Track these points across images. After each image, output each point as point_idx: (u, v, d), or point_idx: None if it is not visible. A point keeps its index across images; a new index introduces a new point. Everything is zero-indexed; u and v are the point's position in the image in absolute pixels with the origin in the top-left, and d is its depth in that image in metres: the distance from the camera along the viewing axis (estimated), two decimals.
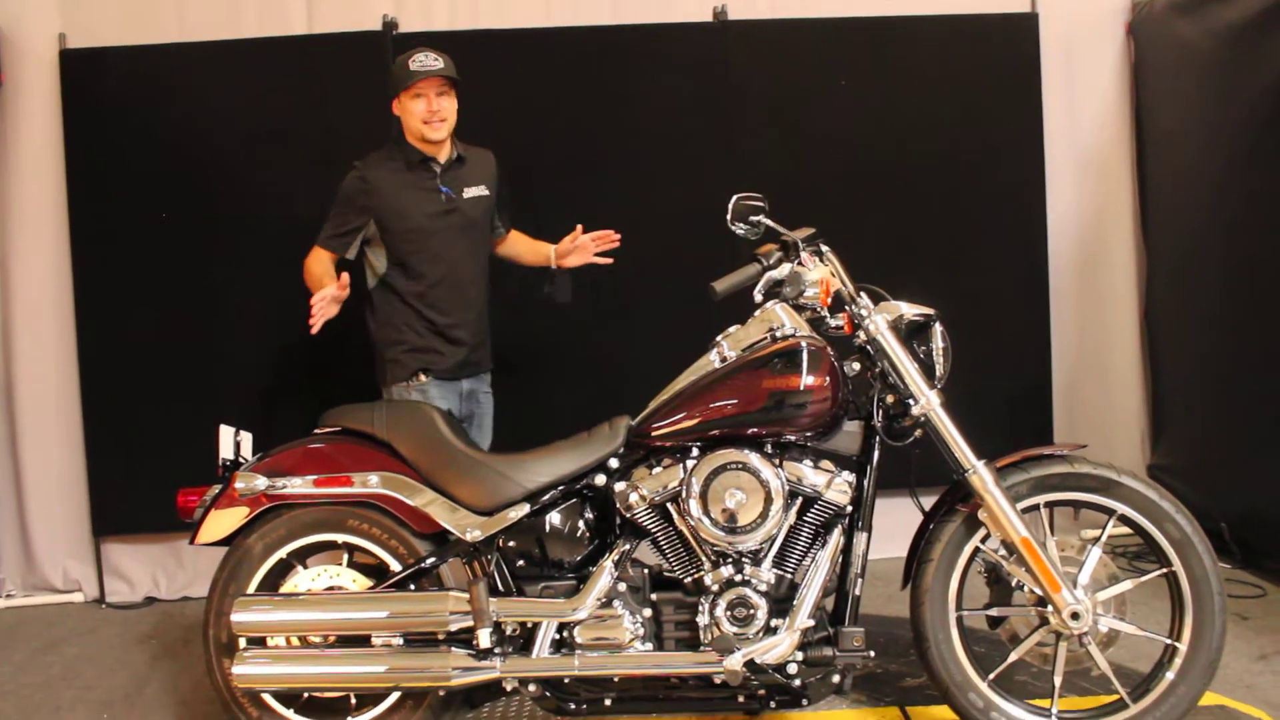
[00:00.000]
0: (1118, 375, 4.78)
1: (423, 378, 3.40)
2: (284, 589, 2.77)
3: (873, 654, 2.62)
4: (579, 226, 3.53)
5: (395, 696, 2.72)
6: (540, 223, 3.79)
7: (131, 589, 4.39)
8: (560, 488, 2.72)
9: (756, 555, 2.64)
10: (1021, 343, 4.57)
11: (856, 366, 2.72)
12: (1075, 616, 2.56)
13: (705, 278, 2.64)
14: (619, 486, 2.70)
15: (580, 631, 2.64)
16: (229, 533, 2.78)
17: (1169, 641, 2.62)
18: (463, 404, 3.51)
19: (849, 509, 2.66)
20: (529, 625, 2.66)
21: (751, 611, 2.57)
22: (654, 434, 2.68)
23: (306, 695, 2.74)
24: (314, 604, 2.68)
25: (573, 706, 2.66)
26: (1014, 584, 2.69)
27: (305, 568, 2.81)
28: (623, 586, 2.67)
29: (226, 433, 2.87)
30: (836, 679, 2.62)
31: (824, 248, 2.72)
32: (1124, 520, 2.64)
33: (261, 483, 2.73)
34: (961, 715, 2.67)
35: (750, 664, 2.55)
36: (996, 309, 4.50)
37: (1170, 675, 2.58)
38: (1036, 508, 2.68)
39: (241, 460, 2.87)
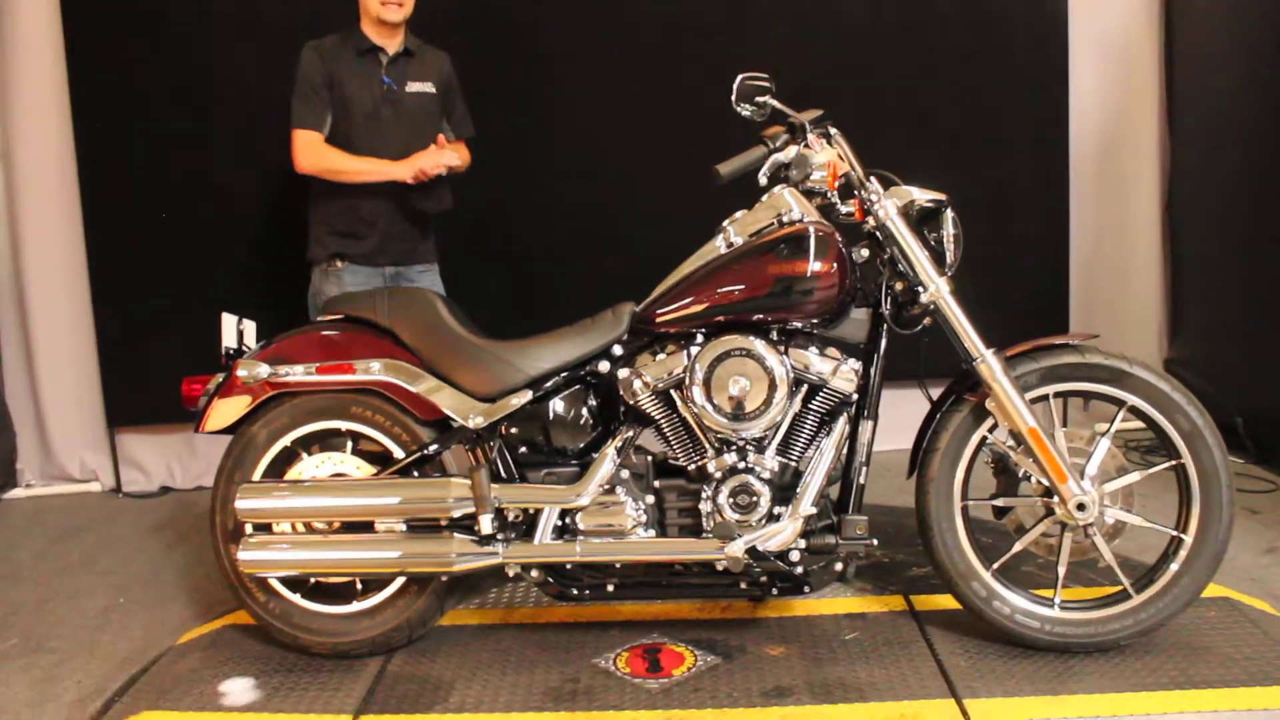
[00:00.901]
0: (1137, 267, 4.69)
1: (339, 264, 3.44)
2: (288, 476, 2.76)
3: (876, 542, 2.60)
4: (440, 137, 3.48)
5: (400, 582, 2.73)
6: (544, 109, 3.69)
7: (147, 478, 4.44)
8: (563, 374, 2.69)
9: (760, 443, 2.61)
10: (1039, 232, 4.47)
11: (865, 253, 2.65)
12: (1081, 508, 2.52)
13: (711, 161, 2.56)
14: (622, 373, 2.66)
15: (582, 518, 2.63)
16: (233, 421, 2.77)
17: (1174, 533, 2.58)
18: (386, 285, 3.48)
19: (855, 397, 2.61)
20: (531, 512, 2.65)
21: (754, 499, 2.55)
22: (658, 320, 2.63)
23: (313, 580, 2.76)
24: (317, 490, 2.67)
25: (575, 592, 2.67)
26: (1020, 475, 2.65)
27: (310, 455, 2.80)
28: (625, 474, 2.65)
29: (229, 321, 2.84)
30: (840, 567, 2.62)
31: (832, 130, 2.62)
32: (1134, 412, 2.58)
33: (264, 370, 2.70)
34: (964, 604, 2.66)
35: (752, 551, 2.54)
36: (1015, 197, 4.39)
37: (1174, 567, 2.55)
38: (1045, 398, 2.62)
39: (245, 348, 2.85)
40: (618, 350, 2.69)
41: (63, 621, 3.24)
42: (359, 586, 2.77)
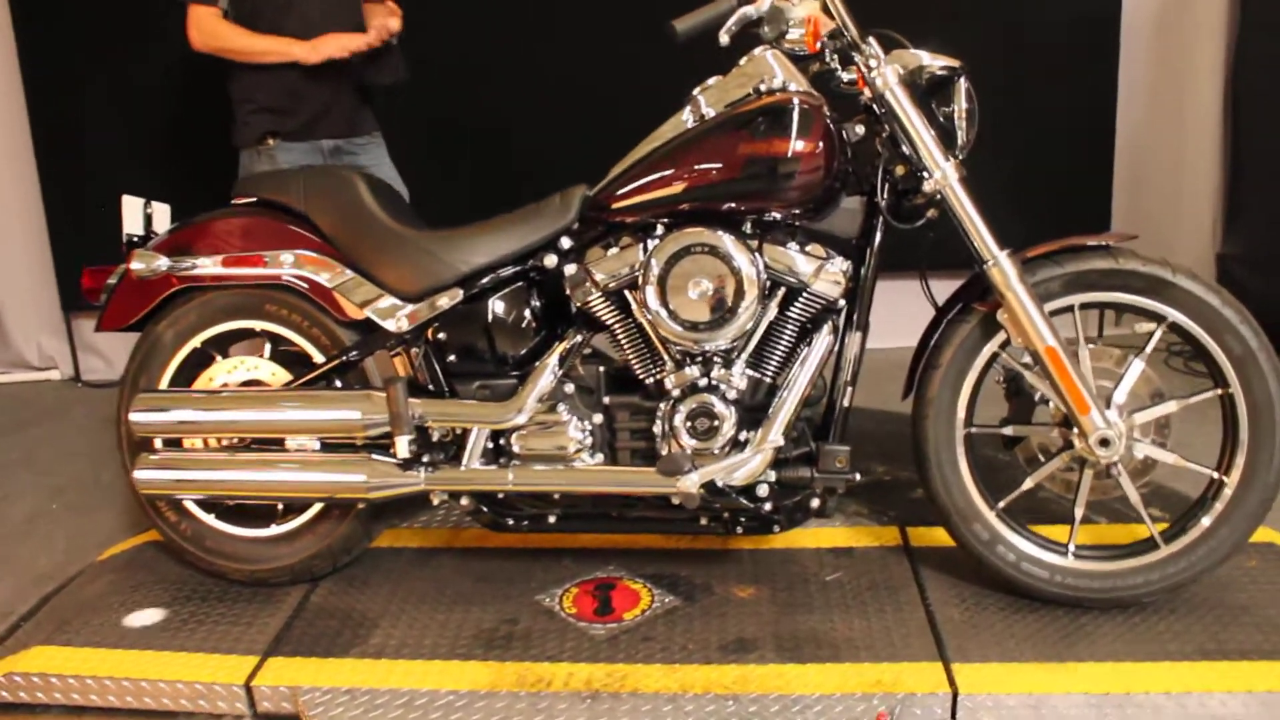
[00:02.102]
0: (1191, 146, 4.09)
1: (270, 141, 3.02)
2: (198, 382, 2.40)
3: (858, 477, 2.20)
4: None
5: (320, 505, 2.39)
6: None
7: (108, 366, 4.14)
8: (501, 270, 2.27)
9: (728, 355, 2.19)
10: (1079, 106, 3.90)
11: (860, 130, 2.18)
12: (1104, 443, 2.09)
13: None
14: (569, 269, 2.24)
15: (518, 439, 2.25)
16: (135, 318, 2.41)
17: (1214, 475, 2.15)
18: (328, 161, 3.11)
19: (842, 303, 2.18)
20: (459, 431, 2.27)
21: (715, 423, 2.14)
22: (613, 207, 2.19)
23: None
24: (215, 402, 2.31)
25: (510, 522, 2.31)
26: (1036, 398, 2.22)
27: (224, 359, 2.43)
28: (570, 388, 2.25)
29: (132, 204, 2.44)
30: (815, 503, 2.22)
31: None
32: (1175, 329, 2.13)
33: (163, 263, 2.32)
34: (963, 547, 2.26)
35: (711, 485, 2.15)
36: (1052, 64, 3.82)
37: (1209, 518, 2.13)
38: (1070, 309, 2.17)
39: (153, 235, 2.46)
40: (566, 242, 2.27)
41: None
42: (280, 508, 2.43)
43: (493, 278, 2.27)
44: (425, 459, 2.26)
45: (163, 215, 2.50)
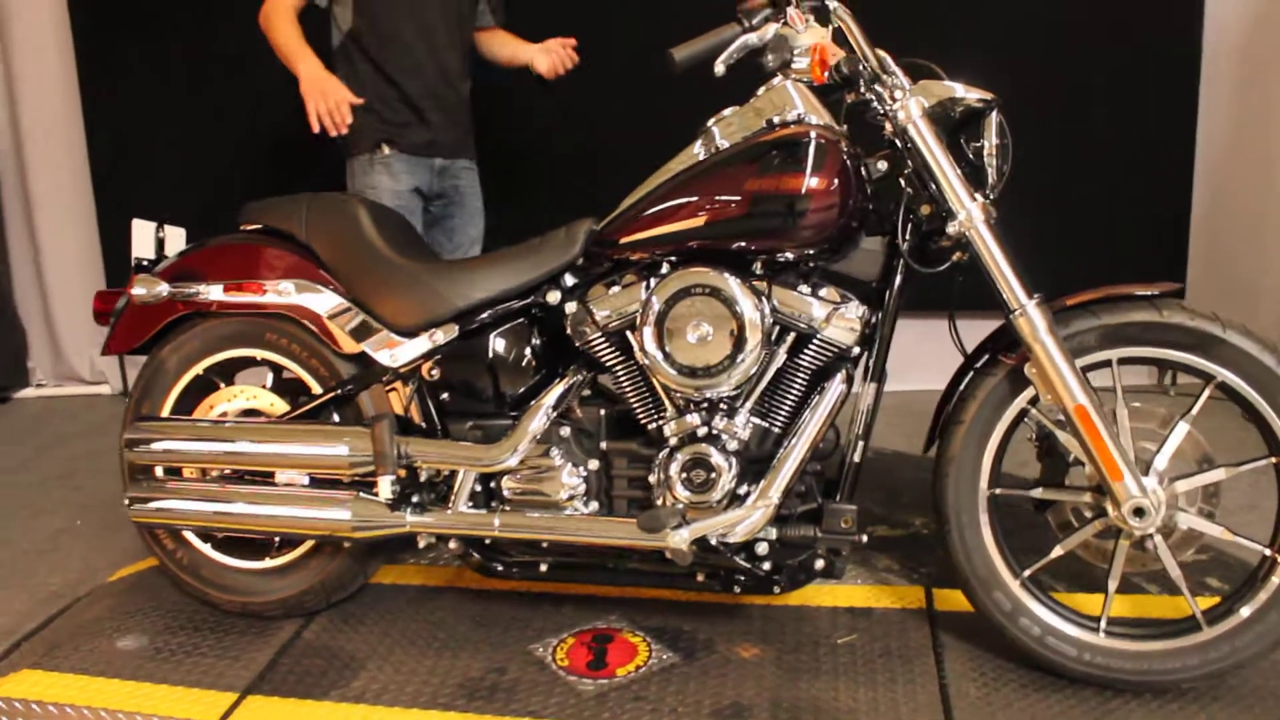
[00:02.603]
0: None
1: (386, 149, 2.94)
2: (199, 410, 2.35)
3: (865, 539, 2.03)
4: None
5: (312, 540, 2.31)
6: None
7: None
8: (500, 307, 2.17)
9: (733, 403, 2.05)
10: (1154, 141, 3.64)
11: (883, 166, 2.03)
12: (1139, 513, 1.89)
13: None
14: (570, 307, 2.13)
15: (508, 484, 2.14)
16: (140, 342, 2.37)
17: (1267, 551, 1.93)
18: (435, 180, 3.06)
19: (856, 351, 2.02)
20: (447, 472, 2.17)
21: (712, 475, 2.00)
22: (618, 243, 2.08)
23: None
24: (201, 432, 2.25)
25: (499, 569, 2.20)
26: (1070, 459, 2.03)
27: (228, 386, 2.38)
28: (566, 431, 2.14)
29: (142, 228, 2.41)
30: (820, 564, 2.06)
31: (833, 3, 1.97)
32: (1224, 390, 1.92)
33: (164, 288, 2.28)
34: (983, 616, 2.08)
35: (703, 541, 2.00)
36: (1124, 97, 3.57)
37: (1258, 600, 1.91)
38: (1107, 364, 1.97)
39: (163, 259, 2.42)
40: (570, 279, 2.16)
41: (11, 544, 2.97)
42: (275, 540, 2.36)
43: (492, 313, 2.17)
44: (416, 499, 2.16)
45: (176, 239, 2.47)
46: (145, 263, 2.39)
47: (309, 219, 2.27)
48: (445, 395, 2.20)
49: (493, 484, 2.15)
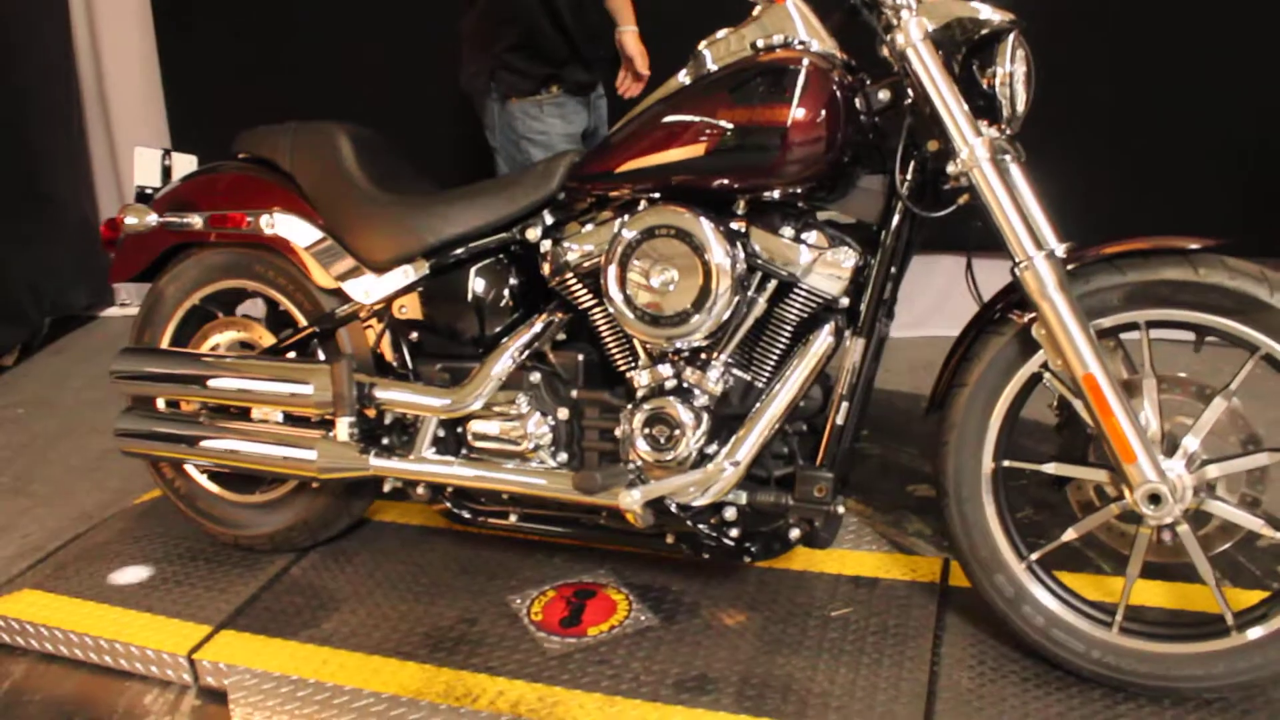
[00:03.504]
0: None
1: (555, 89, 2.78)
2: (193, 340, 2.31)
3: (841, 510, 1.82)
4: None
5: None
6: None
7: None
8: (474, 243, 2.02)
9: (708, 353, 1.86)
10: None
11: (885, 96, 1.77)
12: (1154, 500, 1.62)
13: None
14: (544, 245, 1.97)
15: (473, 429, 2.01)
16: (139, 271, 2.33)
17: None
18: (591, 117, 2.94)
19: (844, 301, 1.80)
20: (411, 416, 2.05)
21: (675, 432, 1.81)
22: (596, 176, 1.90)
23: None
24: (184, 362, 2.19)
25: (466, 516, 2.08)
26: (1090, 431, 1.76)
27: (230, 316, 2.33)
28: (536, 377, 1.98)
29: (146, 155, 2.35)
30: (794, 534, 1.86)
31: None
32: (1271, 363, 1.62)
33: (152, 218, 2.22)
34: (984, 598, 1.85)
35: (660, 503, 1.83)
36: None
37: None
38: (1133, 328, 1.69)
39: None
40: (549, 216, 1.99)
41: (58, 463, 3.06)
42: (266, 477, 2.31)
43: (466, 250, 2.02)
44: (386, 441, 2.06)
45: (185, 166, 2.40)
46: (149, 190, 2.34)
47: (293, 148, 2.16)
48: (415, 335, 2.08)
49: (460, 429, 2.03)
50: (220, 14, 3.91)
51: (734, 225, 1.79)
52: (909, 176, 1.76)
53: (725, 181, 1.77)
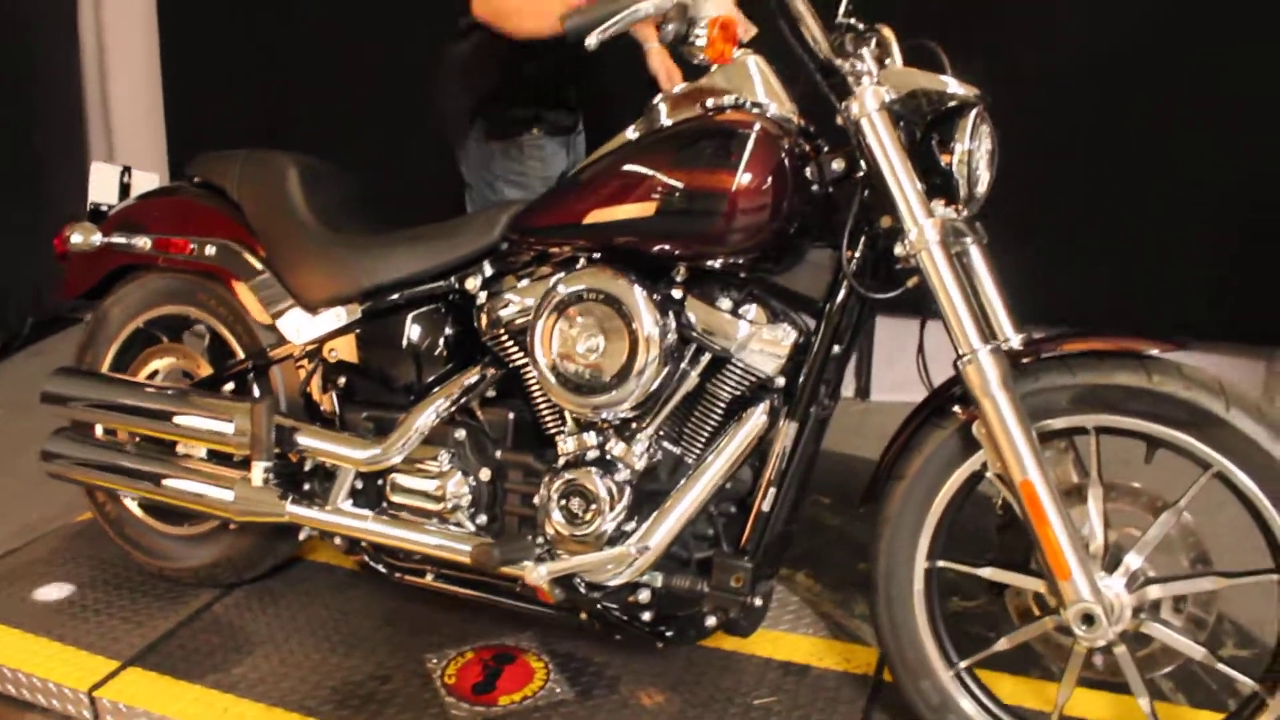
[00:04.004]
0: None
1: (536, 132, 2.60)
2: (135, 365, 2.23)
3: (758, 602, 1.70)
4: None
5: None
6: None
7: None
8: (411, 290, 1.92)
9: (633, 426, 1.75)
10: None
11: (839, 166, 1.66)
12: (1088, 620, 1.49)
13: None
14: (480, 297, 1.87)
15: (392, 483, 1.91)
16: (86, 289, 2.26)
17: (1255, 687, 1.50)
18: (571, 156, 2.75)
19: (780, 381, 1.68)
20: (330, 465, 1.95)
21: (592, 507, 1.70)
22: (534, 231, 1.80)
23: None
24: (114, 389, 2.11)
25: (382, 570, 1.97)
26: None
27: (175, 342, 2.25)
28: (461, 434, 1.88)
29: (103, 171, 2.29)
30: (711, 621, 1.73)
31: None
32: (1224, 482, 1.48)
33: (96, 238, 2.15)
34: (908, 703, 1.72)
35: (568, 581, 1.72)
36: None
37: None
38: (1080, 433, 1.57)
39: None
40: (489, 268, 1.89)
41: (21, 472, 2.97)
42: None
43: (401, 296, 1.93)
44: (307, 487, 1.97)
45: (145, 185, 2.33)
46: (104, 208, 2.27)
47: (241, 177, 2.09)
48: (343, 380, 1.98)
49: (381, 482, 1.93)
50: (224, 22, 3.87)
51: (671, 293, 1.69)
52: (857, 253, 1.65)
53: (665, 246, 1.67)
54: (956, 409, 1.61)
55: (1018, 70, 2.83)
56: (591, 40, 1.57)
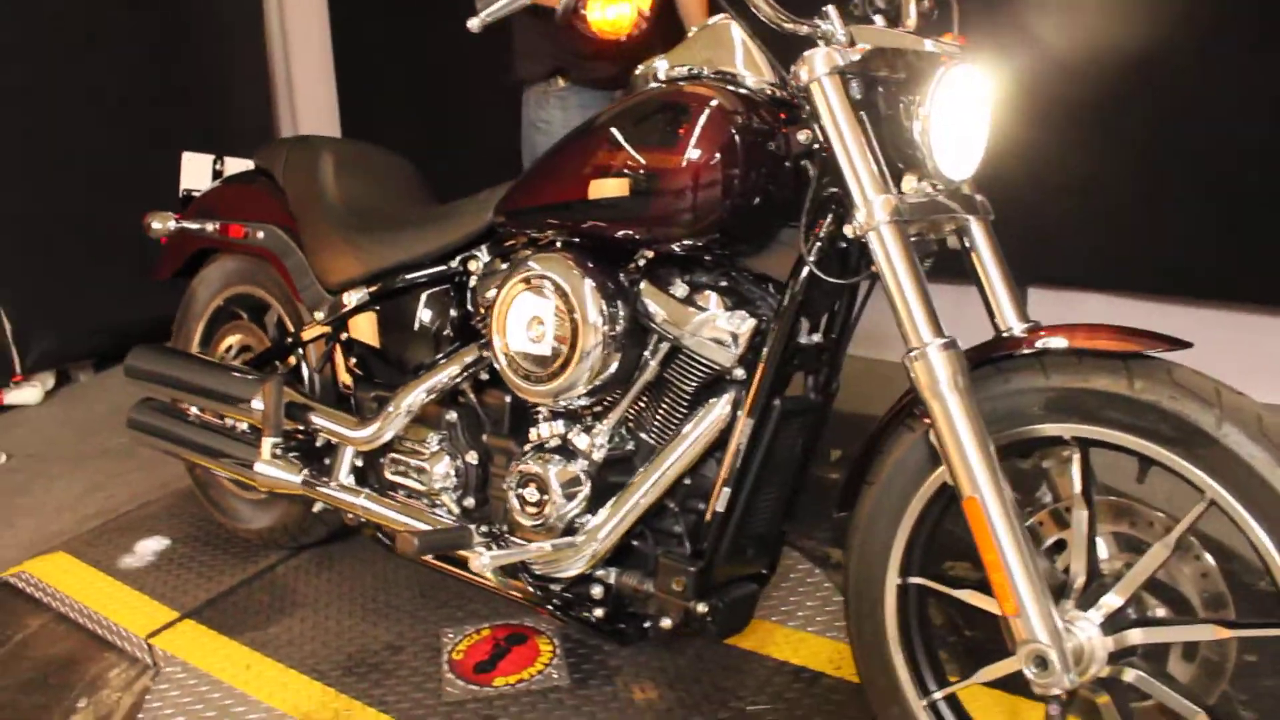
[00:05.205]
0: None
1: (560, 82, 2.54)
2: (213, 342, 2.35)
3: (700, 607, 1.53)
4: None
5: None
6: None
7: None
8: (416, 273, 1.89)
9: (594, 416, 1.64)
10: None
11: (804, 138, 1.46)
12: (1042, 664, 1.24)
13: None
14: (473, 280, 1.81)
15: (389, 463, 1.90)
16: (174, 271, 2.40)
17: None
18: None
19: (738, 373, 1.52)
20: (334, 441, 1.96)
21: (542, 498, 1.61)
22: (510, 214, 1.72)
23: None
24: (162, 363, 2.21)
25: (385, 543, 1.96)
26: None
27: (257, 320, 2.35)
28: (453, 416, 1.83)
29: (195, 161, 2.44)
30: (666, 623, 1.59)
31: None
32: (1221, 510, 1.19)
33: (172, 223, 2.27)
34: None
35: (521, 569, 1.63)
36: None
37: None
38: (1053, 444, 1.30)
39: None
40: (486, 251, 1.83)
41: None
42: None
43: (408, 279, 1.90)
44: (325, 462, 2.00)
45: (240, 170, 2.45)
46: (192, 194, 2.40)
47: (286, 163, 2.14)
48: (354, 360, 1.99)
49: (382, 460, 1.92)
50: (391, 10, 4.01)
51: (628, 279, 1.56)
52: (822, 233, 1.45)
53: (620, 230, 1.54)
54: (919, 411, 1.39)
55: None
56: (474, 23, 1.46)
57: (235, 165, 2.49)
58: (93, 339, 3.52)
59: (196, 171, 2.48)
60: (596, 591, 1.63)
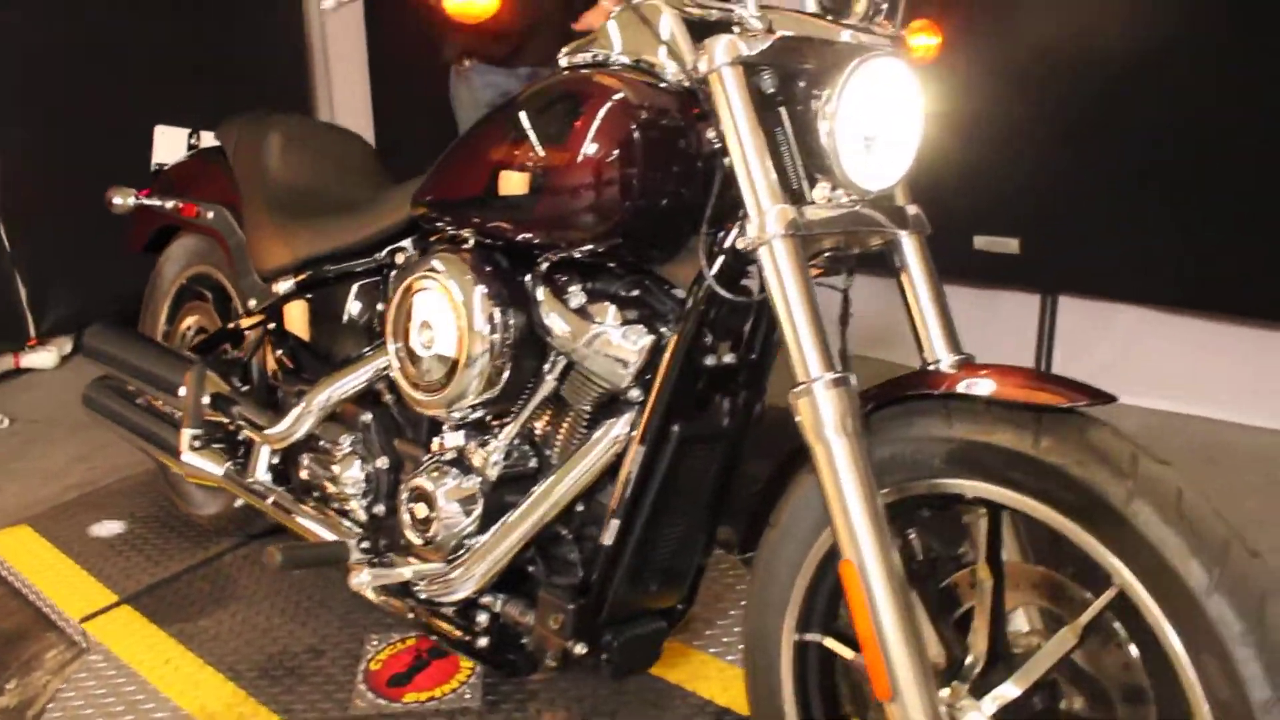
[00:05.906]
0: None
1: (466, 63, 2.64)
2: (175, 323, 2.29)
3: (581, 649, 1.38)
4: None
5: None
6: None
7: None
8: (341, 264, 1.77)
9: (494, 427, 1.50)
10: None
11: (714, 136, 1.29)
12: None
13: None
14: (395, 274, 1.69)
15: (303, 463, 1.79)
16: (139, 247, 2.34)
17: None
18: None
19: (636, 393, 1.36)
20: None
21: (429, 514, 1.48)
22: (420, 206, 1.59)
23: None
24: (108, 343, 2.13)
25: None
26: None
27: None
28: (368, 417, 1.71)
29: (168, 134, 2.34)
30: (551, 662, 1.44)
31: None
32: (1127, 599, 0.99)
33: (132, 200, 2.20)
34: None
35: (405, 590, 1.50)
36: None
37: None
38: (945, 502, 1.12)
39: None
40: (410, 245, 1.70)
41: None
42: None
43: (335, 270, 1.78)
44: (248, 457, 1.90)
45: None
46: (159, 167, 2.33)
47: (236, 143, 2.04)
48: (280, 351, 1.88)
49: (299, 459, 1.82)
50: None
51: (526, 285, 1.42)
52: (726, 244, 1.28)
53: (525, 232, 1.39)
54: None
55: None
56: (327, 4, 1.33)
57: (210, 140, 2.42)
58: (110, 304, 3.52)
59: (170, 145, 2.40)
60: (482, 619, 1.49)
